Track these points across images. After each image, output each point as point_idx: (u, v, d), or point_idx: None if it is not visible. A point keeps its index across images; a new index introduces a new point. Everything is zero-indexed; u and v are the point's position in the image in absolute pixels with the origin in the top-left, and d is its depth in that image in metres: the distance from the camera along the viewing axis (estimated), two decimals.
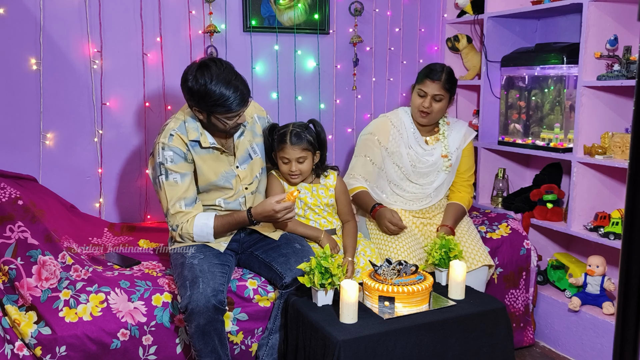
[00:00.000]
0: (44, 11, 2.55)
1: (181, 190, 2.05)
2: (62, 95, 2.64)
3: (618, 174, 2.65)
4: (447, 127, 2.59)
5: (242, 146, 2.20)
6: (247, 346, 2.10)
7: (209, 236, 2.08)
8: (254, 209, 2.07)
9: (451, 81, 2.47)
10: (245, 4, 2.91)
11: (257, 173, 2.23)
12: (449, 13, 3.37)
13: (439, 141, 2.57)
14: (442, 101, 2.46)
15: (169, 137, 2.05)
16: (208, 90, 1.94)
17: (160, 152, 2.04)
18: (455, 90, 2.53)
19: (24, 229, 2.02)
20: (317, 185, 2.32)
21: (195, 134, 2.07)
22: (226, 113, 2.00)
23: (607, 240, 2.47)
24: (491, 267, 2.47)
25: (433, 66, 2.50)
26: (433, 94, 2.43)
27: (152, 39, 2.76)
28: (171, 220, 2.08)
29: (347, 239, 2.29)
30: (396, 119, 2.57)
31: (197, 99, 1.98)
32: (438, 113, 2.49)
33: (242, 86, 2.00)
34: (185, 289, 1.90)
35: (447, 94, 2.46)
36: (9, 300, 1.91)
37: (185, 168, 2.07)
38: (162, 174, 2.05)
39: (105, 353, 1.90)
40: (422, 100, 2.46)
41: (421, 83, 2.46)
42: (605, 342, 2.47)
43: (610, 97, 2.60)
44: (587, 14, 2.50)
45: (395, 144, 2.53)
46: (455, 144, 2.57)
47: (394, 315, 1.84)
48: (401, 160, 2.52)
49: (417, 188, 2.55)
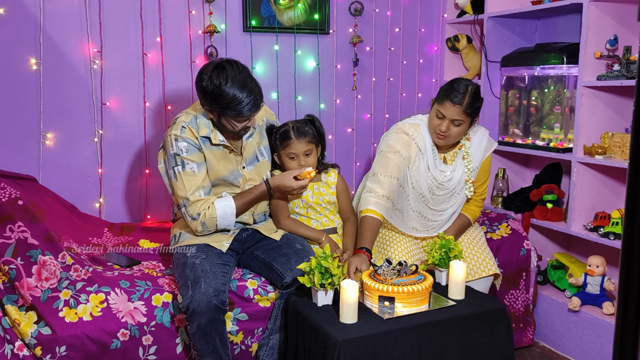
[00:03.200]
0: (44, 11, 2.55)
1: (199, 179, 2.07)
2: (62, 95, 2.64)
3: (618, 174, 2.65)
4: (468, 144, 2.34)
5: (249, 147, 2.21)
6: (247, 346, 2.10)
7: (232, 217, 2.11)
8: (272, 181, 2.16)
9: (475, 104, 2.18)
10: (245, 4, 2.91)
11: (264, 175, 2.25)
12: (449, 13, 3.37)
13: (459, 158, 2.34)
14: (461, 125, 2.19)
15: (180, 129, 2.07)
16: (222, 91, 1.94)
17: (173, 144, 2.06)
18: (479, 110, 2.23)
19: (24, 229, 2.02)
20: (318, 183, 2.32)
21: (206, 130, 2.09)
22: (237, 117, 2.01)
23: (607, 240, 2.47)
24: (497, 276, 2.41)
25: (456, 85, 2.18)
26: (452, 118, 2.16)
27: (152, 39, 2.76)
28: (191, 210, 2.07)
29: (347, 238, 2.30)
30: (419, 138, 2.29)
31: (209, 100, 1.99)
32: (456, 137, 2.24)
33: (257, 91, 2.00)
34: (187, 288, 1.90)
35: (468, 118, 2.19)
36: (9, 300, 1.91)
37: (200, 158, 2.09)
38: (178, 165, 2.06)
39: (105, 353, 1.90)
40: (440, 122, 2.19)
41: (440, 104, 2.19)
42: (605, 342, 2.47)
43: (610, 97, 2.60)
44: (587, 14, 2.50)
45: (416, 167, 2.29)
46: (476, 162, 2.34)
47: (394, 315, 1.84)
48: (419, 185, 2.29)
49: (434, 214, 2.35)
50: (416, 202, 2.32)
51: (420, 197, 2.31)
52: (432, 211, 2.35)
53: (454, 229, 2.40)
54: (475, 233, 2.49)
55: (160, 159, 2.16)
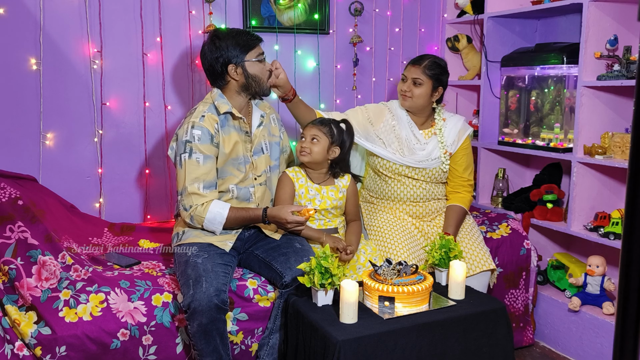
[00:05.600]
0: (44, 11, 2.55)
1: (201, 172, 2.08)
2: (62, 95, 2.64)
3: (618, 174, 2.65)
4: (443, 123, 2.55)
5: (259, 136, 2.28)
6: (247, 346, 2.10)
7: (219, 225, 2.10)
8: (269, 210, 2.12)
9: (434, 68, 2.44)
10: (245, 4, 2.91)
11: (265, 169, 2.28)
12: (449, 13, 3.37)
13: (435, 135, 2.52)
14: (422, 86, 2.44)
15: (200, 117, 2.11)
16: (227, 35, 2.15)
17: (189, 130, 2.09)
18: (443, 80, 2.47)
19: (24, 229, 2.02)
20: (328, 187, 2.33)
21: (226, 107, 2.16)
22: (252, 48, 2.16)
23: (607, 240, 2.47)
24: (493, 271, 2.44)
25: (422, 55, 2.53)
26: (412, 77, 2.44)
27: (152, 39, 2.77)
28: (185, 200, 2.09)
29: (351, 235, 2.31)
30: (392, 106, 2.59)
31: (227, 50, 2.13)
32: (419, 99, 2.46)
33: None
34: (188, 287, 1.91)
35: (429, 80, 2.43)
36: (9, 300, 1.91)
37: (210, 150, 2.10)
38: (185, 152, 2.08)
39: (105, 353, 1.90)
40: (403, 83, 2.49)
41: (405, 68, 2.51)
42: (605, 342, 2.47)
43: (610, 97, 2.60)
44: (587, 14, 2.50)
45: (387, 129, 2.51)
46: (450, 139, 2.52)
47: (394, 315, 1.84)
48: (390, 142, 2.50)
49: (404, 160, 2.49)
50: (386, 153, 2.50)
51: (392, 147, 2.49)
52: (406, 159, 2.49)
53: (452, 225, 2.44)
54: (470, 228, 2.52)
55: (173, 144, 2.17)
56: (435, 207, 2.54)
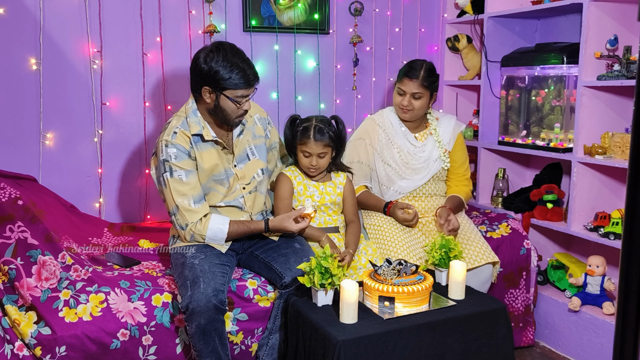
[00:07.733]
0: (44, 11, 2.55)
1: (187, 187, 2.05)
2: (62, 95, 2.64)
3: (618, 174, 2.65)
4: (437, 123, 2.57)
5: (240, 145, 2.20)
6: (247, 346, 2.10)
7: (221, 240, 2.10)
8: (271, 222, 2.12)
9: (430, 78, 2.44)
10: (245, 4, 2.91)
11: (255, 174, 2.23)
12: (449, 13, 3.37)
13: (431, 136, 2.55)
14: (421, 99, 2.44)
15: (172, 134, 2.05)
16: (225, 62, 1.98)
17: (163, 150, 2.04)
18: (437, 85, 2.49)
19: (24, 229, 2.02)
20: (325, 183, 2.33)
21: (197, 128, 2.07)
22: (237, 88, 2.00)
23: (607, 240, 2.47)
24: (495, 264, 2.45)
25: (413, 64, 2.47)
26: (412, 92, 2.42)
27: (152, 39, 2.76)
28: (180, 219, 2.06)
29: (350, 236, 2.31)
30: (381, 119, 2.57)
31: (211, 76, 1.99)
32: (420, 110, 2.47)
33: (254, 67, 2.07)
34: (186, 288, 1.90)
35: (427, 91, 2.44)
36: (9, 300, 1.91)
37: (190, 165, 2.06)
38: (166, 172, 2.04)
39: (105, 353, 1.90)
40: (402, 98, 2.46)
41: (400, 82, 2.46)
42: (605, 342, 2.47)
43: (610, 97, 2.60)
44: (587, 14, 2.50)
45: (383, 144, 2.53)
46: (446, 137, 2.56)
47: (394, 315, 1.84)
48: (393, 158, 2.51)
49: (410, 183, 2.53)
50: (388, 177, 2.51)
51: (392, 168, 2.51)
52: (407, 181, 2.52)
53: (449, 204, 2.49)
54: (466, 222, 2.54)
55: (152, 166, 2.14)
56: (436, 204, 2.55)
